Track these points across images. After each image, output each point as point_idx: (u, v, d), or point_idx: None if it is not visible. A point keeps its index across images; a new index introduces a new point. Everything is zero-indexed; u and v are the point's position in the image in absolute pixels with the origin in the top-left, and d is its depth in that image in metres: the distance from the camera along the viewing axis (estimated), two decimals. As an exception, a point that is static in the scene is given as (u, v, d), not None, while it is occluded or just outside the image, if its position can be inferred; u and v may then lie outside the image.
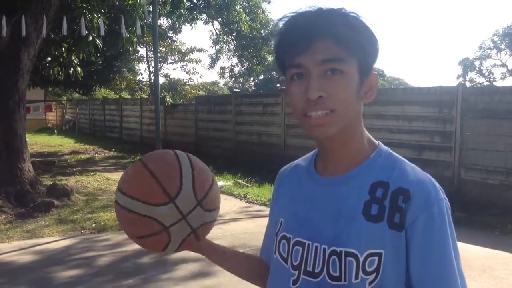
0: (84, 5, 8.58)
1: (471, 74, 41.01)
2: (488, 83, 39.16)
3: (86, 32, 7.92)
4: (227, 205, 8.13)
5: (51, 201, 7.47)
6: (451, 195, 7.74)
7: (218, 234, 6.09)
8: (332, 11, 0.97)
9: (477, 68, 40.65)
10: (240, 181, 10.17)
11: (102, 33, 7.83)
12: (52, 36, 9.40)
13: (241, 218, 7.39)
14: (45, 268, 5.07)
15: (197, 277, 4.82)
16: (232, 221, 7.18)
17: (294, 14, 0.99)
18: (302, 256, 1.01)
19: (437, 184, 1.00)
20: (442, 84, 54.63)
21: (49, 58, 10.08)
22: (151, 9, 8.44)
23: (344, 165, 1.03)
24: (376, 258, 0.94)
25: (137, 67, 32.71)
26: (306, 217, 1.03)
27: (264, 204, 8.23)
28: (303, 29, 0.94)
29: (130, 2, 8.85)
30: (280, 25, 1.00)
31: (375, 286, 0.94)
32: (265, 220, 1.31)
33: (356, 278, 0.94)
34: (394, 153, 1.06)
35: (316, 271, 0.98)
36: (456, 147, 8.05)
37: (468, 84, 30.46)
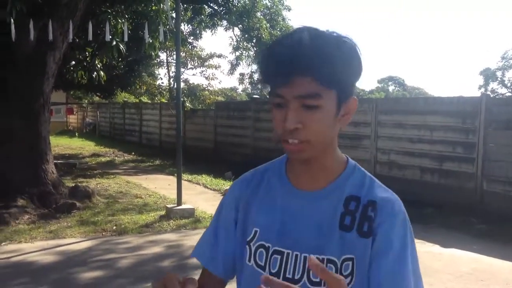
0: (109, 11, 8.72)
1: (493, 85, 40.52)
2: (510, 94, 38.61)
3: (110, 37, 8.03)
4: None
5: (73, 202, 7.57)
6: (473, 207, 7.68)
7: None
8: (316, 41, 0.98)
9: (499, 79, 40.12)
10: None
11: (126, 39, 7.93)
12: (77, 40, 9.56)
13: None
14: (67, 269, 5.14)
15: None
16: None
17: (280, 40, 1.02)
18: (280, 264, 1.08)
19: (399, 199, 1.09)
20: (463, 94, 53.99)
21: (73, 62, 10.24)
22: (174, 16, 8.56)
23: (321, 181, 1.10)
24: (350, 262, 1.04)
25: (156, 72, 33.04)
26: (284, 228, 1.09)
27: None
28: (285, 62, 0.97)
29: (154, 8, 8.95)
30: (267, 50, 1.03)
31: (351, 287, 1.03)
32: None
33: None
34: (361, 168, 1.14)
35: (296, 277, 1.06)
36: (479, 158, 7.95)
37: (490, 95, 30.04)
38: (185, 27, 21.05)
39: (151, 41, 8.96)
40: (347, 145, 9.60)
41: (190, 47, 24.52)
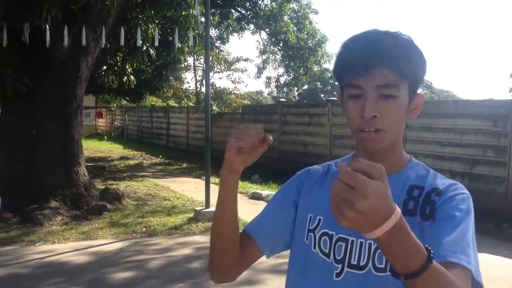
0: (140, 16, 8.90)
1: (524, 87, 39.53)
2: (542, 97, 37.62)
3: (141, 42, 8.20)
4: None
5: (104, 204, 7.73)
6: (504, 211, 7.54)
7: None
8: (388, 37, 1.06)
9: (530, 81, 39.16)
10: (286, 190, 10.19)
11: (156, 44, 8.08)
12: (108, 45, 9.77)
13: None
14: (100, 269, 5.26)
15: (246, 284, 4.88)
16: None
17: (355, 37, 1.10)
18: (345, 250, 1.11)
19: (464, 187, 1.11)
20: (492, 96, 52.94)
21: (105, 67, 10.47)
22: (203, 20, 8.66)
23: (388, 172, 1.10)
24: None
25: (183, 76, 33.45)
26: None
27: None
28: (363, 54, 1.04)
29: (183, 13, 9.09)
30: (342, 47, 1.11)
31: None
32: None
33: None
34: (424, 164, 1.20)
35: (362, 264, 1.09)
36: (510, 162, 7.80)
37: (521, 97, 29.37)
38: (212, 32, 21.23)
39: (180, 45, 9.10)
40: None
41: (217, 51, 24.73)
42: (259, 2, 18.07)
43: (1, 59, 7.40)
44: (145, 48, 8.75)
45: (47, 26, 6.86)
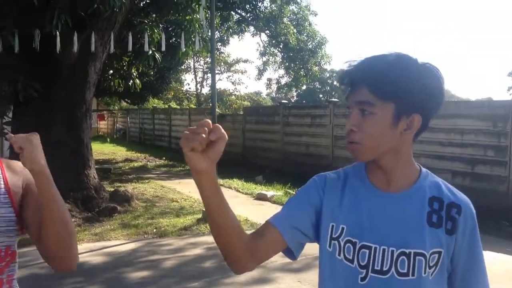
0: (146, 21, 9.08)
1: (522, 86, 39.70)
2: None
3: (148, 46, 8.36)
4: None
5: (115, 206, 7.91)
6: (506, 210, 7.73)
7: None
8: (376, 62, 1.23)
9: (528, 80, 39.35)
10: (291, 191, 10.37)
11: (163, 48, 8.24)
12: (114, 50, 9.94)
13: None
14: (116, 269, 5.44)
15: (258, 282, 5.05)
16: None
17: (353, 61, 1.27)
18: (369, 257, 1.23)
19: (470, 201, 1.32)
20: (491, 96, 53.10)
21: (111, 71, 10.64)
22: (204, 23, 8.83)
23: (403, 183, 1.29)
24: (437, 255, 1.22)
25: (183, 77, 33.57)
26: (370, 224, 1.26)
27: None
28: (353, 76, 1.24)
29: (188, 17, 9.26)
30: (343, 67, 1.29)
31: (434, 276, 1.23)
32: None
33: (425, 272, 1.21)
34: (432, 174, 1.35)
35: (385, 269, 1.22)
36: (511, 162, 7.99)
37: (519, 96, 29.54)
38: (213, 34, 21.38)
39: (184, 49, 9.27)
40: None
41: (217, 53, 24.89)
42: (259, 4, 18.27)
43: (12, 64, 7.56)
44: (150, 52, 8.93)
45: (58, 32, 7.03)
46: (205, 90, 34.94)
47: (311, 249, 1.52)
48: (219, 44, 23.04)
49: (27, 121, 7.86)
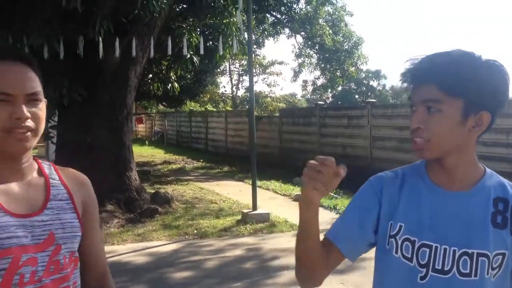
0: (184, 25, 9.23)
1: None
2: None
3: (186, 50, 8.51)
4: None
5: (156, 207, 8.05)
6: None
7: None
8: (443, 59, 1.20)
9: None
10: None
11: (202, 52, 8.36)
12: (154, 55, 10.15)
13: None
14: (158, 269, 5.54)
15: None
16: (324, 231, 7.35)
17: (415, 59, 1.26)
18: (429, 256, 1.21)
19: None
20: None
21: (150, 75, 10.85)
22: (241, 26, 8.90)
23: (466, 182, 1.26)
24: (501, 257, 1.20)
25: (218, 80, 33.90)
26: (430, 223, 1.24)
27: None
28: (418, 73, 1.22)
29: (225, 21, 9.36)
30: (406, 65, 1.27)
31: (497, 278, 1.20)
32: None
33: (487, 273, 1.19)
34: (497, 174, 1.32)
35: (446, 268, 1.20)
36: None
37: None
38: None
39: (222, 52, 9.37)
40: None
41: (253, 55, 25.01)
42: (294, 6, 18.23)
43: (57, 69, 7.82)
44: (189, 56, 9.08)
45: (100, 38, 7.24)
46: (241, 92, 35.24)
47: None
48: (255, 46, 23.13)
49: (71, 125, 8.13)
